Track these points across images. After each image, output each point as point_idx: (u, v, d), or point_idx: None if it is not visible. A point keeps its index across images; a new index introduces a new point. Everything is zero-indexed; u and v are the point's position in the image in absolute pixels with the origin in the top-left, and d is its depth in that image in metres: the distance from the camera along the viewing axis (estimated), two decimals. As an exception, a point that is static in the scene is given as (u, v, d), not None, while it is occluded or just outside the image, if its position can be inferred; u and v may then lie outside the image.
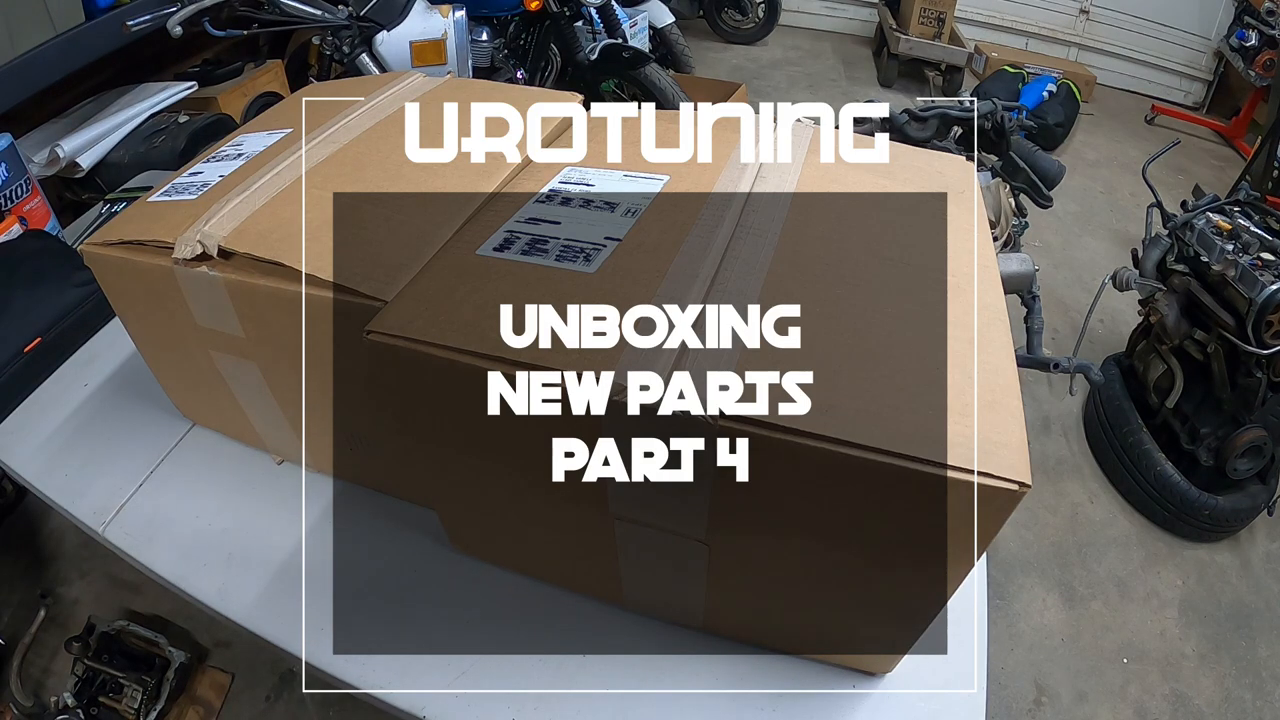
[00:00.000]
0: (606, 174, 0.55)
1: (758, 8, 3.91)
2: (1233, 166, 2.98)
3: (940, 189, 0.55)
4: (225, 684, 1.30)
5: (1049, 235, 2.59)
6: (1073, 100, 3.17)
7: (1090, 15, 3.66)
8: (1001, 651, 1.41)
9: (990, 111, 1.24)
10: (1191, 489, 1.57)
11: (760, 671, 0.54)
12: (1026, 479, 0.34)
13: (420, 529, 0.63)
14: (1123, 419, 1.71)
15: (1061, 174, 1.27)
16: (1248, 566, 1.61)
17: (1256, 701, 1.37)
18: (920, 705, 0.52)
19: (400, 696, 0.53)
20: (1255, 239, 1.49)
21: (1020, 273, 1.25)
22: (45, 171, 1.55)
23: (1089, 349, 2.04)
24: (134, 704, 1.23)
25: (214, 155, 0.63)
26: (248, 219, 0.52)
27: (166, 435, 0.72)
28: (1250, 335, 1.41)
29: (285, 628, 0.57)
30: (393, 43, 1.95)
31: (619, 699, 0.52)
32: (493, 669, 0.54)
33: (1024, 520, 1.67)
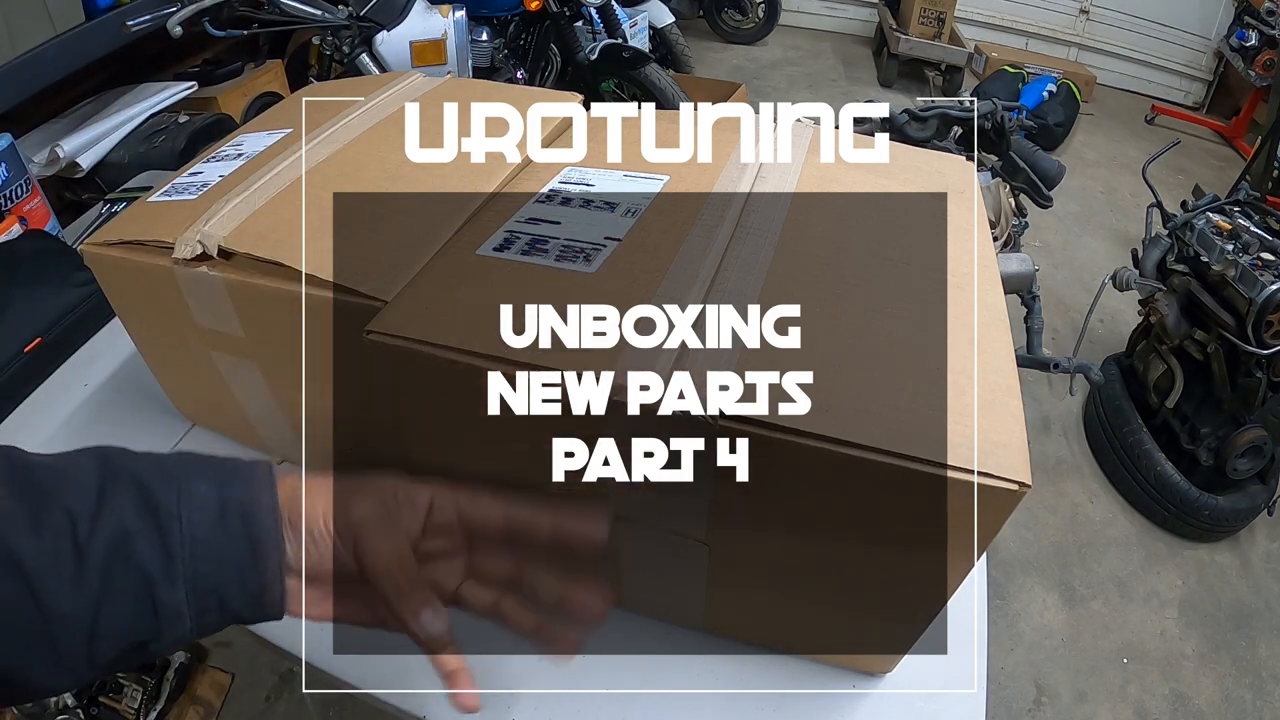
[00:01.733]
0: (606, 174, 0.55)
1: (758, 8, 3.91)
2: (1233, 166, 2.98)
3: (940, 189, 0.55)
4: (225, 684, 1.30)
5: (1049, 235, 2.59)
6: (1073, 100, 3.17)
7: (1090, 15, 3.66)
8: (1001, 651, 1.41)
9: (990, 111, 1.25)
10: (1191, 489, 1.57)
11: (760, 671, 0.54)
12: (1026, 479, 0.34)
13: (420, 529, 0.63)
14: (1123, 419, 1.71)
15: (1061, 174, 1.28)
16: (1248, 566, 1.61)
17: (1256, 701, 1.37)
18: (920, 705, 0.52)
19: (400, 696, 0.53)
20: (1255, 239, 1.49)
21: (1020, 273, 1.25)
22: (45, 171, 1.55)
23: (1089, 349, 2.04)
24: (134, 704, 1.23)
25: (214, 155, 0.63)
26: (248, 219, 0.52)
27: (166, 435, 0.72)
28: (1250, 335, 1.41)
29: (285, 628, 0.57)
30: (393, 43, 1.95)
31: (619, 699, 0.52)
32: (493, 669, 0.54)
33: (1024, 520, 1.68)
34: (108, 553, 0.31)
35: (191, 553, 0.32)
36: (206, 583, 0.33)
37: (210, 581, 0.33)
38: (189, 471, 0.35)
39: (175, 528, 0.32)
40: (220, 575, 0.33)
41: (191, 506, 0.33)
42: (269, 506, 0.35)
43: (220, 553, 0.33)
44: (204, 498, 0.34)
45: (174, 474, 0.34)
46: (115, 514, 0.32)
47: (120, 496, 0.32)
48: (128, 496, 0.33)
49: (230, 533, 0.34)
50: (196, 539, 0.33)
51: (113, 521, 0.32)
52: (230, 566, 0.34)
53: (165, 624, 0.32)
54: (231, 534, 0.34)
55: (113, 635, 0.32)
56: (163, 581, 0.32)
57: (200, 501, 0.34)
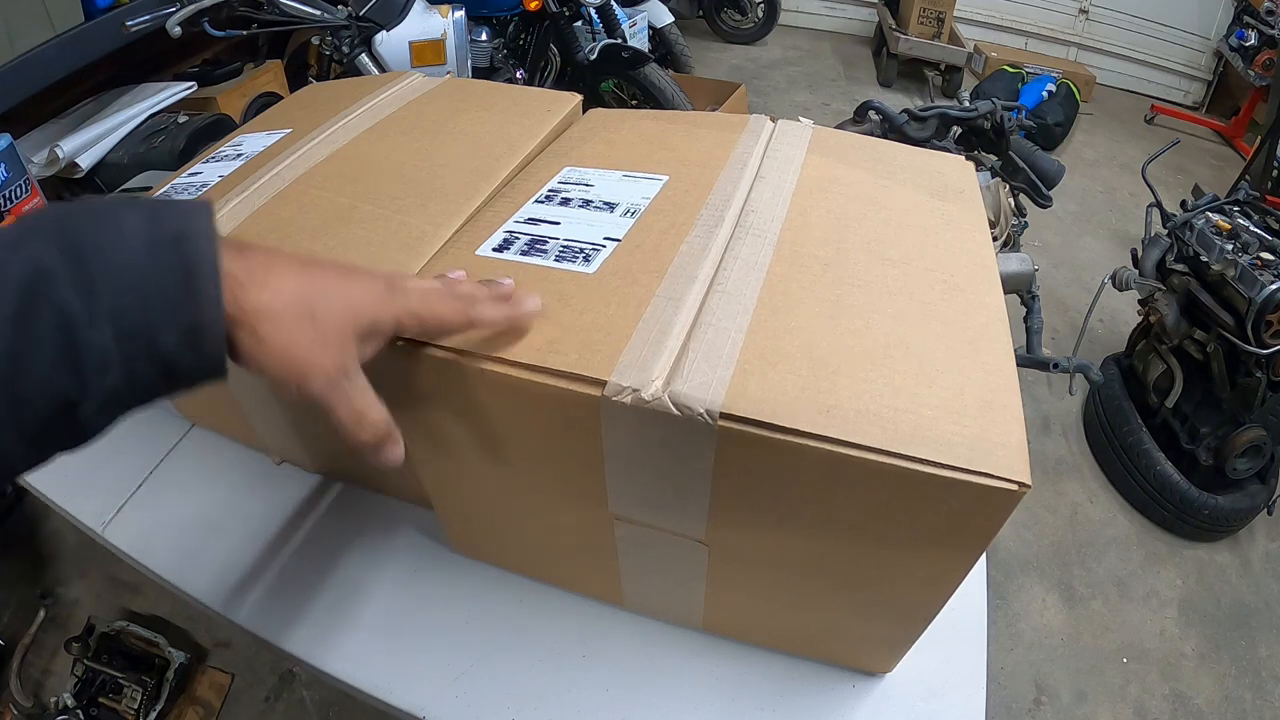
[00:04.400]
0: (606, 174, 0.55)
1: (757, 8, 3.92)
2: (1232, 166, 2.98)
3: (940, 189, 0.55)
4: (225, 684, 1.30)
5: (1049, 235, 2.59)
6: (1072, 100, 3.17)
7: (1090, 15, 3.66)
8: (1001, 651, 1.41)
9: (990, 111, 1.25)
10: (1191, 489, 1.57)
11: (760, 671, 0.54)
12: (1026, 479, 0.34)
13: (420, 529, 0.63)
14: (1122, 419, 1.71)
15: (1061, 174, 1.27)
16: (1248, 566, 1.61)
17: (1256, 701, 1.37)
18: (920, 705, 0.52)
19: (400, 696, 0.53)
20: (1255, 239, 1.49)
21: (1020, 272, 1.25)
22: (45, 172, 1.55)
23: (1089, 349, 2.04)
24: (134, 704, 1.23)
25: (213, 155, 0.63)
26: (247, 219, 0.52)
27: (166, 435, 0.72)
28: (1250, 335, 1.41)
29: (285, 628, 0.57)
30: (392, 43, 1.95)
31: (619, 699, 0.52)
32: (493, 669, 0.54)
33: (1024, 520, 1.68)
34: (21, 296, 0.27)
35: (115, 286, 0.28)
36: (133, 319, 0.29)
37: (137, 318, 0.29)
38: (119, 203, 0.31)
39: (98, 259, 0.28)
40: (148, 310, 0.29)
41: (118, 235, 0.29)
42: (204, 232, 0.31)
43: (148, 283, 0.29)
44: (133, 227, 0.30)
45: (101, 209, 0.30)
46: (29, 255, 0.28)
47: (36, 238, 0.28)
48: (45, 236, 0.28)
49: (160, 261, 0.29)
50: (121, 268, 0.29)
51: (27, 263, 0.28)
52: (159, 300, 0.29)
53: (91, 374, 0.28)
54: (161, 263, 0.29)
55: (36, 394, 0.28)
56: (84, 320, 0.28)
57: (128, 230, 0.29)
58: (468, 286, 0.40)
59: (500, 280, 0.42)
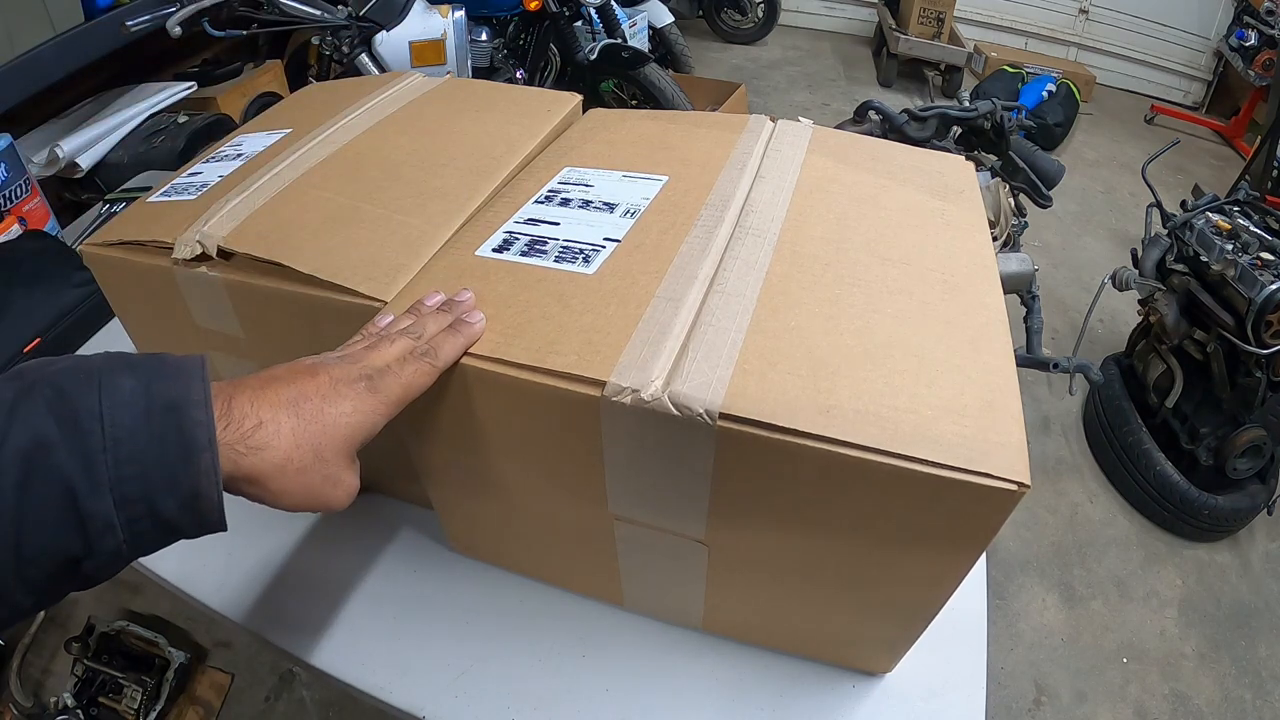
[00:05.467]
0: (605, 174, 0.56)
1: (757, 8, 3.92)
2: (1232, 166, 2.98)
3: (940, 189, 0.55)
4: (225, 684, 1.30)
5: (1048, 235, 2.59)
6: (1072, 100, 3.17)
7: (1090, 15, 3.66)
8: (1001, 651, 1.41)
9: (990, 111, 1.25)
10: (1191, 489, 1.57)
11: (760, 671, 0.54)
12: (1026, 479, 0.34)
13: (420, 529, 0.63)
14: (1122, 419, 1.71)
15: (1061, 174, 1.28)
16: (1247, 566, 1.61)
17: (1256, 701, 1.37)
18: (920, 705, 0.52)
19: (400, 696, 0.53)
20: (1255, 239, 1.49)
21: (1020, 272, 1.25)
22: (45, 172, 1.55)
23: (1089, 349, 2.04)
24: (134, 704, 1.23)
25: (213, 155, 0.63)
26: (247, 219, 0.52)
27: (166, 435, 0.72)
28: (1250, 335, 1.41)
29: (285, 628, 0.57)
30: (392, 43, 1.95)
31: (619, 699, 0.52)
32: (493, 669, 0.54)
33: (1024, 520, 1.68)
34: (22, 466, 0.28)
35: (115, 456, 0.29)
36: (133, 488, 0.30)
37: (137, 486, 0.30)
38: (113, 368, 0.31)
39: (96, 429, 0.29)
40: (148, 479, 0.30)
41: (114, 405, 0.30)
42: (199, 401, 0.31)
43: (146, 454, 0.30)
44: (128, 395, 0.30)
45: (94, 373, 0.31)
46: (28, 424, 0.29)
47: (34, 405, 0.29)
48: (42, 403, 0.29)
49: (157, 431, 0.30)
50: (120, 440, 0.29)
51: (26, 432, 0.28)
52: (158, 469, 0.30)
53: (94, 537, 0.29)
54: (158, 433, 0.30)
55: (39, 555, 0.29)
56: (85, 490, 0.29)
57: (123, 399, 0.30)
58: (433, 323, 0.41)
59: (458, 296, 0.44)
